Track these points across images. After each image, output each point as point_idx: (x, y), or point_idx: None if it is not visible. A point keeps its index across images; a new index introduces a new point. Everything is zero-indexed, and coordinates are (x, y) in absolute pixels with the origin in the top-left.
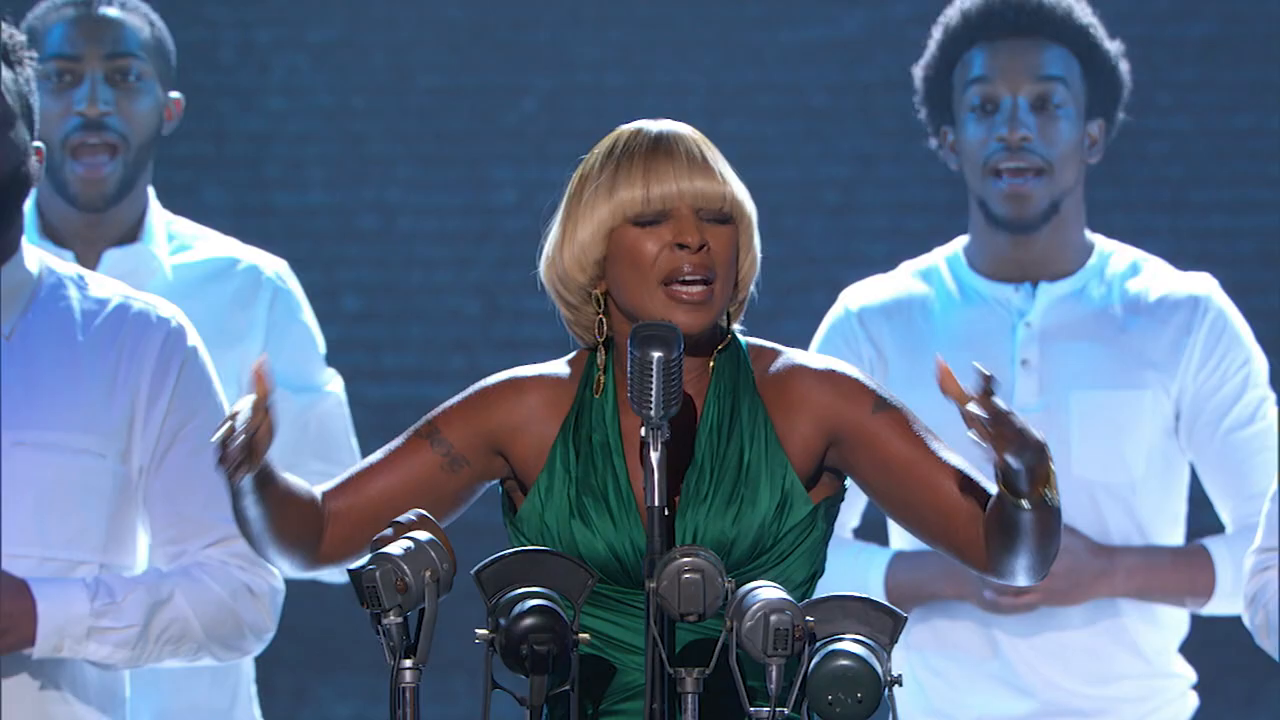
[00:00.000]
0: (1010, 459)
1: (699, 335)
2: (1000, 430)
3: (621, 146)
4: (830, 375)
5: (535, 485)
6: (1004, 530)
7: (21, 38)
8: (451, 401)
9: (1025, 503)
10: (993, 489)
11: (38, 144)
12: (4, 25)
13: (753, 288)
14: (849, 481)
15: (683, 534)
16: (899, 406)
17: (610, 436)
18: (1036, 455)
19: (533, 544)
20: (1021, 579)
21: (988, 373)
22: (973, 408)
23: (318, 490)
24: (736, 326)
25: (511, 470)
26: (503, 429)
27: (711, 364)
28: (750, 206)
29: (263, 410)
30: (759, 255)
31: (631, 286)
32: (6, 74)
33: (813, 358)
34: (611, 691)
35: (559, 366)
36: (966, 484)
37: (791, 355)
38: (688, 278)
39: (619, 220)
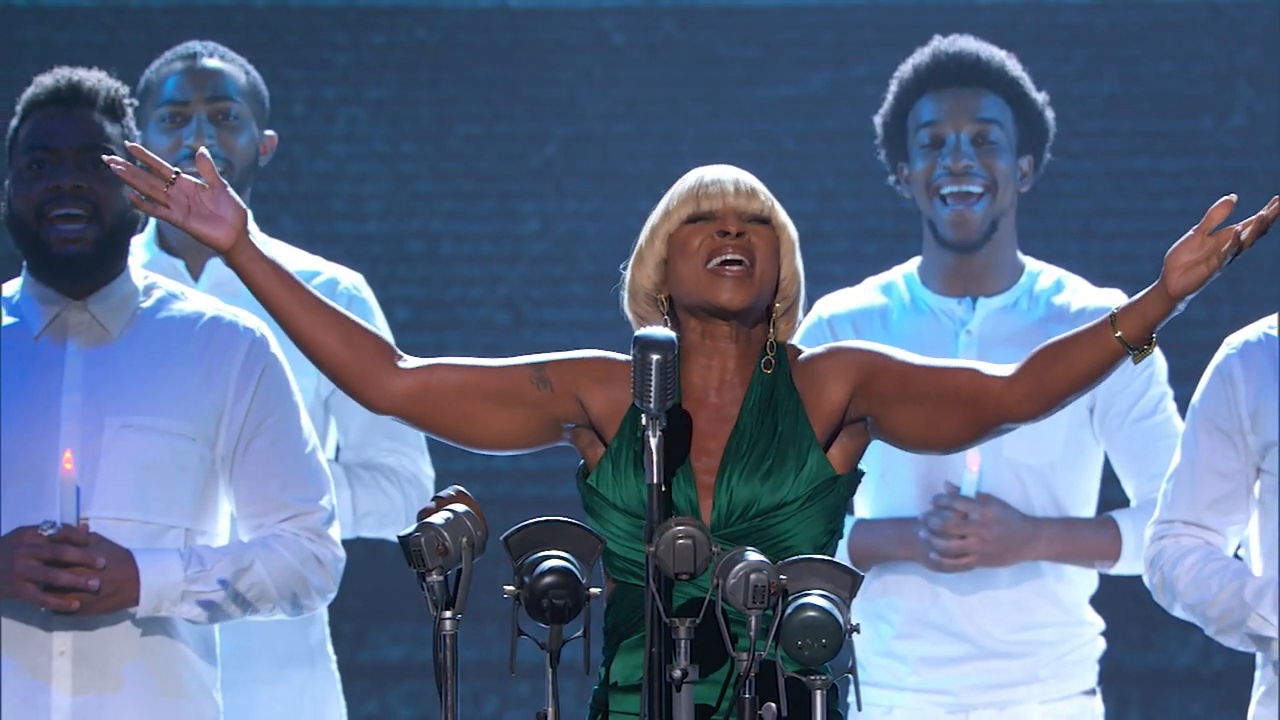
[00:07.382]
0: (1184, 301)
1: (742, 315)
2: (1211, 268)
3: (678, 184)
4: (853, 344)
5: (609, 448)
6: (1085, 373)
7: (124, 90)
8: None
9: (1143, 348)
10: (990, 369)
11: None
12: (111, 81)
13: (800, 310)
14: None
15: (721, 484)
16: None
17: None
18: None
19: (603, 495)
20: (1055, 411)
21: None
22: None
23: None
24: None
25: (588, 419)
26: (591, 380)
27: (761, 364)
28: (792, 229)
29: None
30: (802, 276)
31: (682, 274)
32: (114, 129)
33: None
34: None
35: None
36: (966, 366)
37: (822, 346)
38: (728, 257)
39: (675, 225)
